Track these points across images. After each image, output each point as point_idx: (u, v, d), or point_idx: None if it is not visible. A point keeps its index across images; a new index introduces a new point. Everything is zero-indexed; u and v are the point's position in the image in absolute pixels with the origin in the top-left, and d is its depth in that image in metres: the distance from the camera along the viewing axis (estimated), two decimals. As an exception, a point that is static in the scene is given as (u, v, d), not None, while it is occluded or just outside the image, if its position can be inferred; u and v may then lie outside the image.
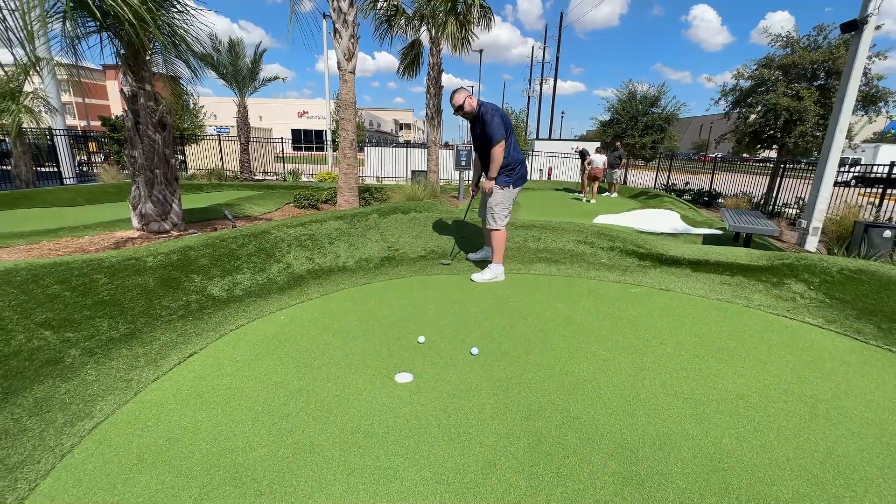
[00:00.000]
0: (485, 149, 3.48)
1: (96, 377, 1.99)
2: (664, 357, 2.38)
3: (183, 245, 3.08)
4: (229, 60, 12.59)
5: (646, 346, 2.50)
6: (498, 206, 3.53)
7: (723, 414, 1.88)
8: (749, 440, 1.71)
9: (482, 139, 3.46)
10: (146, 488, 1.41)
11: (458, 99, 3.42)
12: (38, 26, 2.89)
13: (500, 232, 3.58)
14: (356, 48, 6.60)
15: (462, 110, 3.44)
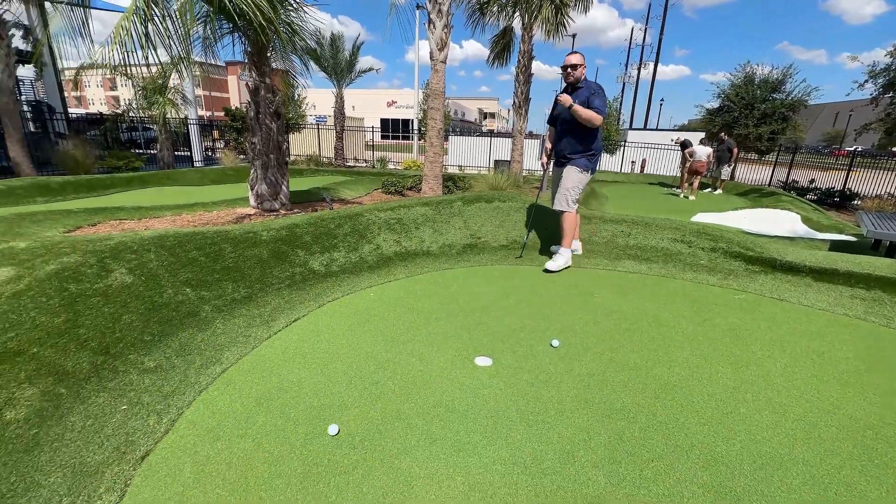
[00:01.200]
0: (570, 126, 3.44)
1: (223, 331, 2.34)
2: (772, 372, 2.14)
3: (290, 223, 3.44)
4: (330, 54, 13.54)
5: (749, 358, 2.27)
6: (574, 188, 3.52)
7: (845, 442, 1.66)
8: (878, 476, 1.49)
9: (570, 115, 3.39)
10: (263, 426, 1.65)
11: (578, 59, 3.36)
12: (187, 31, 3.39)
13: (570, 214, 3.57)
14: (449, 38, 6.69)
15: (574, 70, 3.34)
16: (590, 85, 3.34)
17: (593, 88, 3.32)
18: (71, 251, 2.38)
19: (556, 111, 3.54)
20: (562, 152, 3.59)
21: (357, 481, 1.41)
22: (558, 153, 3.63)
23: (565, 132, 3.51)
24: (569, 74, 3.36)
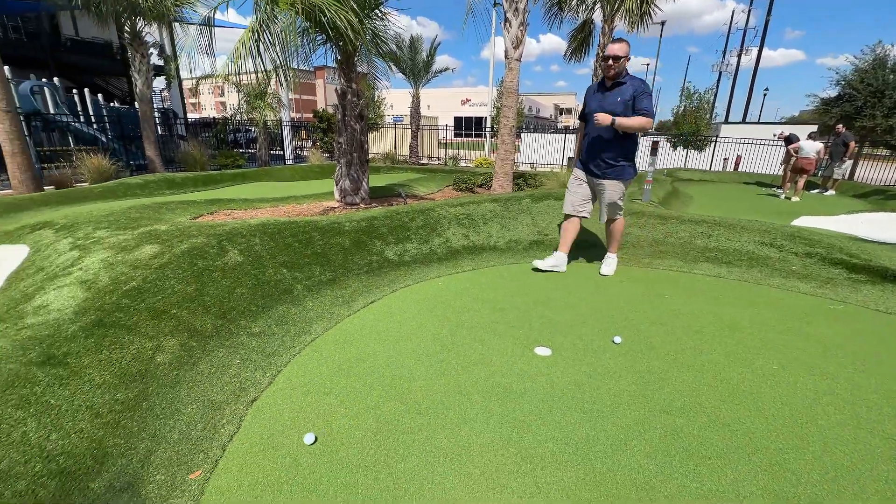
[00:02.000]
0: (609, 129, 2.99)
1: (312, 307, 2.68)
2: (863, 387, 1.97)
3: (369, 215, 3.77)
4: (409, 56, 14.11)
5: (837, 371, 2.10)
6: (622, 200, 3.30)
7: (941, 466, 1.51)
8: (978, 504, 1.36)
9: (616, 110, 2.92)
10: (344, 388, 1.92)
11: (622, 48, 2.87)
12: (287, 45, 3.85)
13: (622, 219, 3.44)
14: (524, 36, 6.71)
15: (616, 62, 2.87)
16: (633, 81, 2.92)
17: (637, 85, 2.90)
18: (198, 234, 2.89)
19: (591, 107, 3.09)
20: (601, 159, 3.14)
21: (421, 441, 1.61)
22: (594, 158, 3.17)
23: (605, 136, 3.07)
24: (610, 67, 2.88)
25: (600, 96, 2.98)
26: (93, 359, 1.75)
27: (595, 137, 3.07)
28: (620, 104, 2.89)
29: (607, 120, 2.87)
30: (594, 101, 3.02)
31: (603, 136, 3.03)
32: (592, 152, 3.14)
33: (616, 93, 2.90)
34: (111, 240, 2.80)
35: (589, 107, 3.07)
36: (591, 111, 3.00)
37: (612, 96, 2.91)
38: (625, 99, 2.88)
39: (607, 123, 2.89)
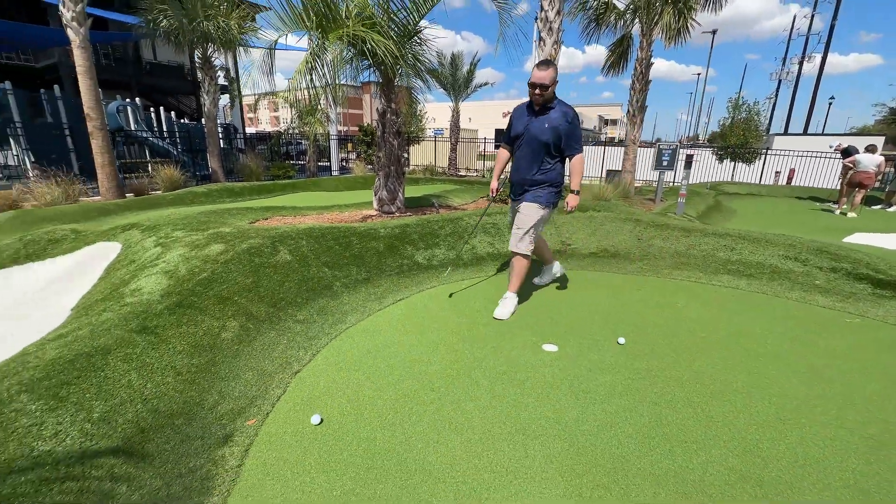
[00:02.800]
0: (539, 147, 2.76)
1: (348, 301, 3.06)
2: (857, 393, 2.05)
3: (403, 223, 4.14)
4: (450, 72, 14.66)
5: (835, 376, 2.18)
6: (537, 226, 2.92)
7: (913, 463, 1.61)
8: (938, 496, 1.46)
9: (542, 136, 2.72)
10: (371, 367, 2.25)
11: (550, 75, 2.60)
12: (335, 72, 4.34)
13: (526, 258, 2.96)
14: (558, 53, 6.95)
15: (545, 90, 2.62)
16: (562, 107, 2.70)
17: (567, 113, 2.69)
18: (255, 236, 3.36)
19: (518, 130, 2.83)
20: (524, 180, 2.90)
21: (431, 411, 1.90)
22: (519, 181, 2.94)
23: (532, 156, 2.80)
24: (537, 96, 2.65)
25: (528, 119, 2.76)
26: (175, 331, 2.19)
27: (522, 158, 2.85)
28: (549, 130, 2.70)
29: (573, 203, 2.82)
30: (520, 124, 2.80)
31: (531, 156, 2.80)
32: (518, 174, 2.91)
33: (544, 118, 2.70)
34: (186, 239, 3.33)
35: (515, 129, 2.83)
36: (518, 133, 2.82)
37: (540, 121, 2.71)
38: (553, 125, 2.68)
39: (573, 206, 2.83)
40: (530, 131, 2.74)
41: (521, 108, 2.85)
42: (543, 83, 2.59)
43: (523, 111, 2.81)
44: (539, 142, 2.73)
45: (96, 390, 1.69)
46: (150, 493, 1.38)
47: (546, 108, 2.71)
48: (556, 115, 2.69)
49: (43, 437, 1.44)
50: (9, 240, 4.22)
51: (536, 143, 2.75)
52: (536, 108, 2.74)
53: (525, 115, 2.79)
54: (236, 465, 1.56)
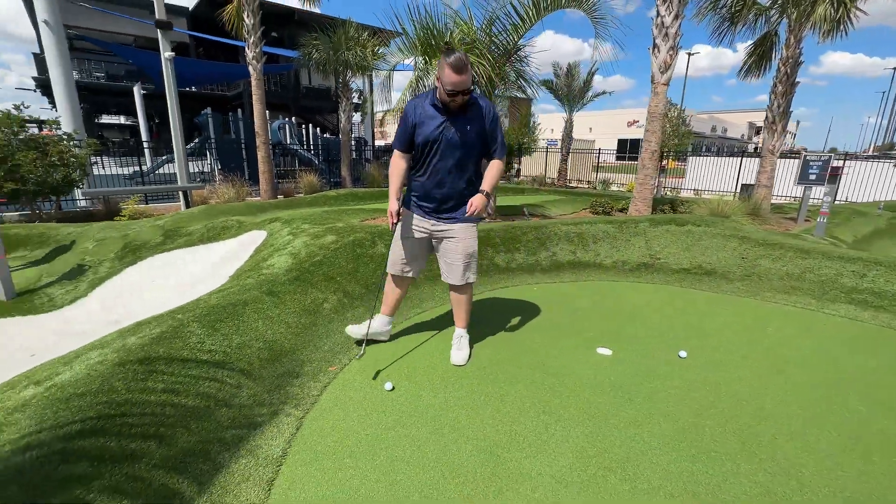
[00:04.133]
0: (465, 155, 2.24)
1: (426, 291, 3.49)
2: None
3: (488, 228, 4.47)
4: (564, 83, 14.54)
5: (948, 427, 1.86)
6: (475, 253, 2.44)
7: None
8: None
9: (468, 141, 2.21)
10: (435, 345, 2.62)
11: (470, 76, 2.07)
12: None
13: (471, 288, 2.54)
14: (674, 60, 6.57)
15: (466, 95, 2.11)
16: (483, 102, 2.24)
17: (487, 108, 2.24)
18: (360, 231, 4.03)
19: (429, 134, 2.19)
20: (449, 196, 2.31)
21: (473, 385, 2.19)
22: (443, 196, 2.32)
23: (459, 166, 2.25)
24: (459, 102, 2.12)
25: (442, 121, 2.18)
26: (291, 297, 2.86)
27: (442, 169, 2.26)
28: (474, 133, 2.22)
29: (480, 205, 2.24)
30: (431, 127, 2.18)
31: (454, 167, 2.25)
32: (437, 189, 2.30)
33: (465, 119, 2.19)
34: (310, 230, 4.15)
35: (425, 134, 2.20)
36: (432, 139, 2.19)
37: (461, 124, 2.18)
38: (478, 129, 2.22)
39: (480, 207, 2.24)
40: (451, 136, 2.18)
41: (422, 107, 2.21)
42: (467, 87, 2.08)
43: (428, 110, 2.20)
44: (465, 148, 2.22)
45: (236, 328, 2.38)
46: (255, 398, 1.95)
47: (478, 112, 2.22)
48: (477, 113, 2.20)
49: (202, 350, 2.13)
50: (198, 226, 5.68)
51: (462, 151, 2.22)
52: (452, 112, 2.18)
53: (434, 115, 2.18)
54: (316, 394, 2.06)
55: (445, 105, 2.14)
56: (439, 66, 2.08)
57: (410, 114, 2.23)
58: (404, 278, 2.54)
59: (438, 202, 2.33)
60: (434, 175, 2.28)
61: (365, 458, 1.66)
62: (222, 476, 1.51)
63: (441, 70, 2.06)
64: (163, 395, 1.79)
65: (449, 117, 2.18)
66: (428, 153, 2.24)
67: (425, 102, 2.22)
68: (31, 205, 7.55)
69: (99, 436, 1.49)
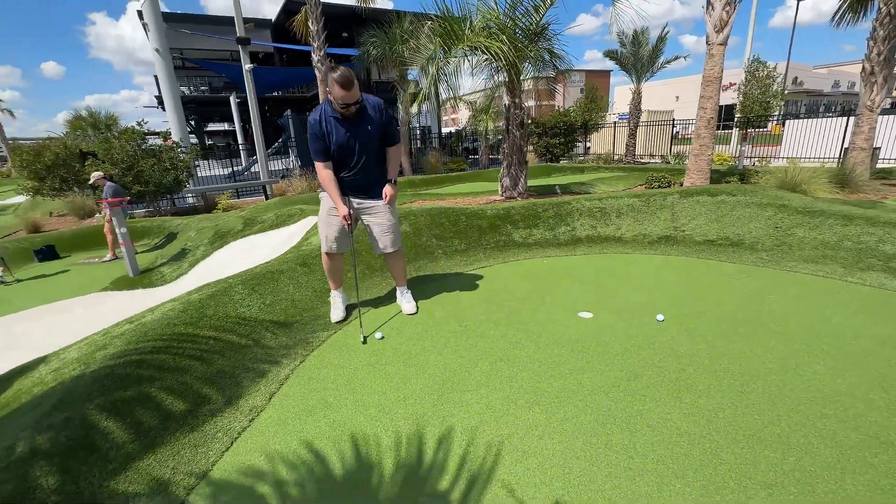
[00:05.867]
0: (373, 152, 2.65)
1: (443, 265, 3.88)
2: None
3: (508, 206, 4.70)
4: (630, 51, 13.62)
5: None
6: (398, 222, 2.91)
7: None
8: None
9: (374, 138, 2.61)
10: (442, 311, 3.02)
11: (357, 87, 2.41)
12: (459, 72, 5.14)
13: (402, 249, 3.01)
14: (731, 17, 6.03)
15: (357, 104, 2.46)
16: (370, 101, 2.55)
17: (375, 105, 2.56)
18: (389, 212, 4.52)
19: (341, 142, 2.55)
20: (371, 182, 2.74)
21: (462, 337, 2.55)
22: (366, 184, 2.74)
23: (373, 160, 2.68)
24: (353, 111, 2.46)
25: (345, 129, 2.53)
26: (319, 268, 3.44)
27: (358, 166, 2.65)
28: (375, 132, 2.60)
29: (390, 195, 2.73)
30: (340, 136, 2.54)
31: (366, 162, 2.66)
32: (358, 179, 2.71)
33: (364, 123, 2.55)
34: (349, 214, 4.74)
35: (337, 143, 2.55)
36: (345, 145, 2.56)
37: (362, 126, 2.55)
38: (375, 126, 2.58)
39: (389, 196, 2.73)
40: (360, 140, 2.57)
41: (326, 120, 2.52)
42: (357, 98, 2.43)
43: (329, 120, 2.52)
44: (371, 145, 2.62)
45: (271, 290, 3.00)
46: (277, 340, 2.53)
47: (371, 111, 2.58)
48: (371, 112, 2.56)
49: (243, 306, 2.77)
50: (271, 214, 6.65)
51: (370, 147, 2.63)
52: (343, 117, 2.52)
53: (337, 125, 2.52)
54: (323, 340, 2.59)
55: (343, 115, 2.48)
56: (329, 83, 2.42)
57: (319, 129, 2.53)
58: (337, 255, 2.88)
59: (362, 190, 2.76)
60: (353, 172, 2.67)
61: (342, 384, 2.14)
62: (240, 389, 2.08)
63: (331, 87, 2.39)
64: (209, 331, 2.43)
65: (350, 122, 2.52)
66: (344, 157, 2.62)
67: (327, 115, 2.53)
68: (153, 202, 9.31)
69: (162, 354, 2.15)
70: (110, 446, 1.61)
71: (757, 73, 15.90)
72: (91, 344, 2.26)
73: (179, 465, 1.62)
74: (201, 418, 1.87)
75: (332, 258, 2.88)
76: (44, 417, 1.68)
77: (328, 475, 1.57)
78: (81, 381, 1.89)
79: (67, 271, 6.11)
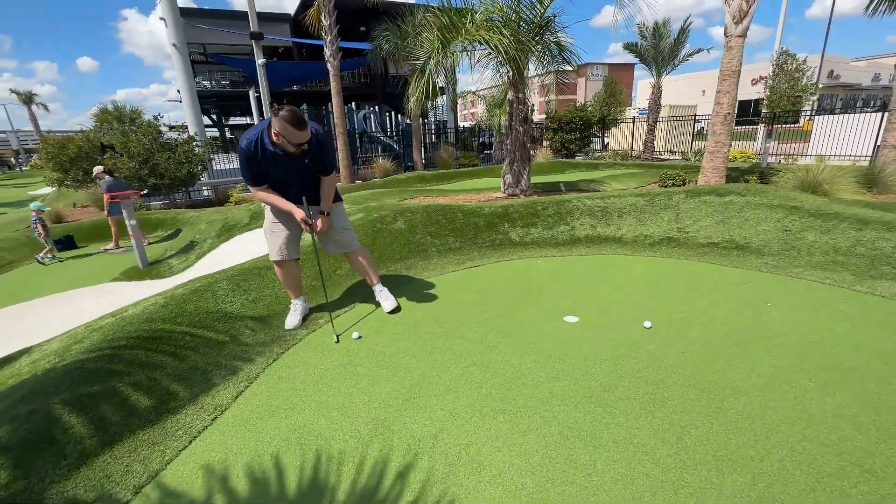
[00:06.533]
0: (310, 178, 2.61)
1: (435, 262, 3.83)
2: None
3: (507, 203, 4.60)
4: (650, 44, 13.17)
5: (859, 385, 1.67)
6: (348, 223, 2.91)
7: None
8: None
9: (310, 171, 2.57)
10: (429, 306, 2.97)
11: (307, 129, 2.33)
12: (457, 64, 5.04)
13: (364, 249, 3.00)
14: (752, 7, 5.73)
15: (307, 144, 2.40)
16: (322, 138, 2.51)
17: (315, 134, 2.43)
18: (387, 209, 4.49)
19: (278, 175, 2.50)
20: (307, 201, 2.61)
21: (441, 337, 2.50)
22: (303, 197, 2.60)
23: (310, 186, 2.63)
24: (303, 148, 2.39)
25: (283, 161, 2.43)
26: (310, 265, 3.43)
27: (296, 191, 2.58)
28: (311, 164, 2.53)
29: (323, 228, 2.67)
30: (276, 168, 2.46)
31: (303, 187, 2.61)
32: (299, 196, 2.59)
33: (301, 156, 2.45)
34: (348, 209, 4.73)
35: (274, 174, 2.49)
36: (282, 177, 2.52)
37: (299, 160, 2.46)
38: (312, 157, 2.50)
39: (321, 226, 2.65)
40: (295, 171, 2.52)
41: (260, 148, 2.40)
42: (308, 139, 2.37)
43: (268, 153, 2.41)
44: (307, 174, 2.59)
45: (256, 286, 3.01)
46: (255, 338, 2.53)
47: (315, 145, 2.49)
48: (312, 148, 2.46)
49: (225, 302, 2.78)
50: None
51: (307, 178, 2.61)
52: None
53: (275, 156, 2.41)
54: (300, 338, 2.58)
55: (288, 153, 2.38)
56: (280, 127, 2.26)
57: (254, 156, 2.40)
58: (289, 262, 2.78)
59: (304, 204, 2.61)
60: (292, 196, 2.58)
61: (311, 384, 2.12)
62: (209, 386, 2.09)
63: (283, 128, 2.25)
64: (187, 327, 2.45)
65: (288, 158, 2.42)
66: (281, 186, 2.57)
67: (264, 147, 2.39)
68: (168, 195, 9.54)
69: (137, 349, 2.17)
70: (68, 441, 1.63)
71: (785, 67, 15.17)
72: (71, 337, 2.30)
73: (134, 462, 1.62)
74: (165, 416, 1.87)
75: (284, 266, 2.75)
76: (9, 409, 1.71)
77: (279, 480, 1.54)
78: (52, 374, 1.93)
79: (90, 255, 6.43)
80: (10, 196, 16.10)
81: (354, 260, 2.94)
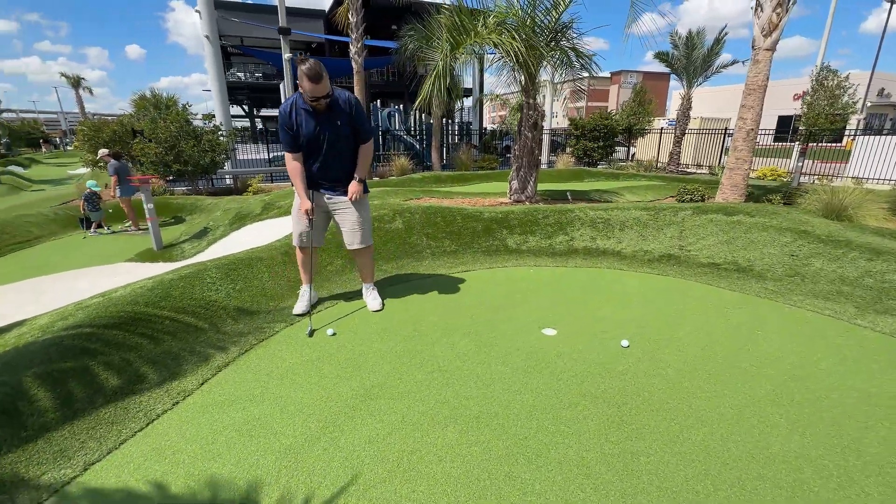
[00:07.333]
0: (343, 146, 2.67)
1: (427, 264, 3.83)
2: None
3: (507, 210, 4.56)
4: (683, 53, 12.78)
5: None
6: (369, 217, 2.93)
7: None
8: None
9: (343, 132, 2.62)
10: (414, 307, 2.98)
11: (327, 82, 2.42)
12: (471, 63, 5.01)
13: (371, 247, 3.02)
14: (782, 20, 5.49)
15: (327, 98, 2.47)
16: (340, 94, 2.55)
17: (347, 99, 2.56)
18: (387, 209, 4.51)
19: (309, 133, 2.57)
20: (339, 177, 2.76)
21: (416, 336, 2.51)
22: (332, 178, 2.76)
23: (341, 154, 2.69)
24: (323, 104, 2.48)
25: (315, 120, 2.55)
26: (301, 258, 3.48)
27: (329, 159, 2.69)
28: (345, 125, 2.61)
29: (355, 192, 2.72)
30: (309, 127, 2.56)
31: (336, 154, 2.69)
32: (327, 172, 2.73)
33: (334, 114, 2.56)
34: (349, 206, 4.77)
35: (305, 134, 2.58)
36: (313, 137, 2.59)
37: (332, 118, 2.57)
38: (346, 118, 2.59)
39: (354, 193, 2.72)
40: (328, 132, 2.60)
41: (294, 110, 2.55)
42: (326, 92, 2.45)
43: (302, 114, 2.55)
44: (341, 138, 2.64)
45: (244, 276, 3.08)
46: (237, 331, 2.59)
47: (343, 105, 2.60)
48: (341, 105, 2.58)
49: (212, 290, 2.85)
50: (290, 201, 6.85)
51: (342, 142, 2.66)
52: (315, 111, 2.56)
53: (309, 117, 2.55)
54: (277, 331, 2.62)
55: (314, 107, 2.51)
56: (298, 77, 2.38)
57: (288, 120, 2.56)
58: (307, 248, 2.89)
59: (331, 183, 2.78)
60: (321, 164, 2.70)
61: (276, 377, 2.15)
62: (178, 372, 2.14)
63: (301, 80, 2.38)
64: (170, 312, 2.53)
65: (320, 115, 2.55)
66: (312, 149, 2.65)
67: (298, 107, 2.55)
68: (192, 181, 9.87)
69: (116, 329, 2.26)
70: (31, 413, 1.71)
71: (826, 83, 14.47)
72: (59, 314, 2.41)
73: (90, 440, 1.68)
74: (129, 396, 1.94)
75: (304, 252, 2.91)
76: (-16, 379, 1.81)
77: (222, 469, 1.57)
78: (31, 348, 2.02)
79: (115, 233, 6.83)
80: (52, 174, 17.00)
81: (360, 257, 3.00)
